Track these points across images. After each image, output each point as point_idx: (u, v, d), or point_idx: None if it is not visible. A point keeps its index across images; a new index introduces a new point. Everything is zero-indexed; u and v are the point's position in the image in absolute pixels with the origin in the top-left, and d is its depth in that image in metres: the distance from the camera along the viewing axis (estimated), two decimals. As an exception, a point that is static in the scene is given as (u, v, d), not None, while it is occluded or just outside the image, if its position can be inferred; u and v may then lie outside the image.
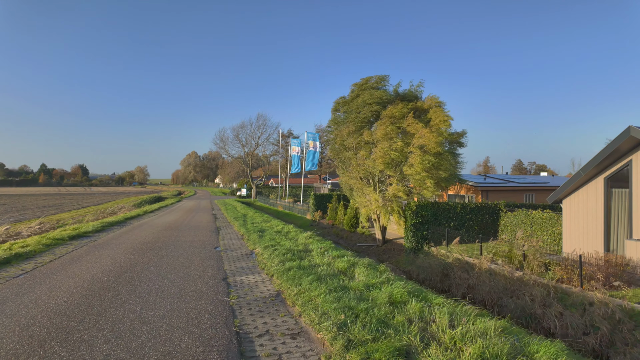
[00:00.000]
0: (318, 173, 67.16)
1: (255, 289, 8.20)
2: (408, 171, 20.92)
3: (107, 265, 10.33)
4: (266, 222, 22.25)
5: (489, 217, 23.12)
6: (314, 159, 47.31)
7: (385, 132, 21.15)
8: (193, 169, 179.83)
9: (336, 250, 12.82)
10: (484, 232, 21.64)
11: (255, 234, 16.26)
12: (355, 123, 23.47)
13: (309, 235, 15.87)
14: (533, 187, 29.01)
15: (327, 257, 11.21)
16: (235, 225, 21.25)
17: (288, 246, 12.95)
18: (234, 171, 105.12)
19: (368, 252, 25.06)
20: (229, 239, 16.08)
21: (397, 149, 20.84)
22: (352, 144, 23.57)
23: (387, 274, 8.63)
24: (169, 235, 17.07)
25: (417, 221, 21.77)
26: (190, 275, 9.26)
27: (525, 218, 21.11)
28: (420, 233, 21.60)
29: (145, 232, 18.37)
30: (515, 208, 23.23)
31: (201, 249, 13.40)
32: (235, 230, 19.68)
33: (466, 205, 23.07)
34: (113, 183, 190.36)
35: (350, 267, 9.86)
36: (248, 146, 66.64)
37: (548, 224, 19.85)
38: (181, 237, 16.48)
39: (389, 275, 8.59)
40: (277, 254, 11.29)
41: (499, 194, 28.25)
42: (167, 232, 18.02)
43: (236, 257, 12.02)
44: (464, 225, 22.74)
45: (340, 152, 25.45)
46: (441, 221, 22.48)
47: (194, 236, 16.71)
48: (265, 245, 13.20)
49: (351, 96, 24.83)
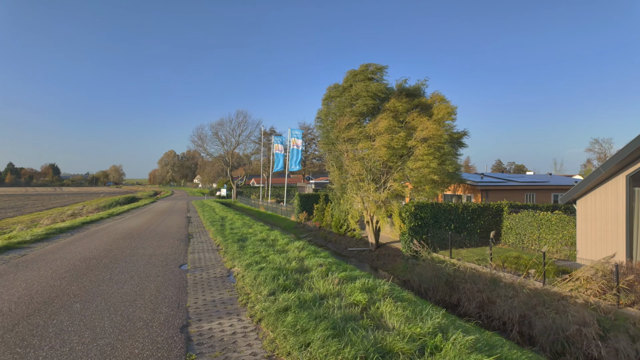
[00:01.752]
0: (302, 173, 63.87)
1: (233, 352, 4.89)
2: (414, 164, 18.18)
3: (11, 301, 6.82)
4: (248, 227, 18.86)
5: (492, 218, 20.76)
6: (298, 158, 44.06)
7: (387, 125, 18.41)
8: (171, 169, 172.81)
9: (341, 267, 9.66)
10: (486, 234, 19.19)
11: (235, 244, 12.89)
12: (351, 116, 20.54)
13: (302, 246, 12.67)
14: (534, 186, 26.78)
15: (332, 280, 8.02)
16: (211, 232, 17.75)
17: (278, 263, 9.69)
18: (213, 171, 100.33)
19: (360, 258, 22.27)
20: (201, 251, 12.63)
21: (399, 140, 18.06)
22: (353, 136, 20.53)
23: (438, 318, 5.49)
24: (126, 246, 13.46)
25: (415, 224, 19.07)
26: (130, 320, 5.86)
27: (532, 220, 18.87)
28: (419, 237, 18.93)
29: (98, 241, 14.69)
30: (519, 209, 20.99)
31: (161, 267, 9.93)
32: (210, 238, 16.19)
33: (468, 206, 20.58)
34: (86, 183, 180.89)
35: (371, 301, 6.71)
36: (228, 144, 62.64)
37: (558, 226, 17.77)
38: (140, 248, 12.91)
39: (439, 320, 5.46)
40: (265, 277, 8.02)
41: (499, 194, 25.91)
42: (125, 242, 14.38)
43: (207, 281, 8.63)
44: (465, 227, 20.30)
45: (335, 145, 22.38)
46: (441, 223, 19.89)
47: (156, 247, 13.17)
48: (247, 261, 9.88)
49: (344, 86, 21.79)
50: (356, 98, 20.40)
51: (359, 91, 19.97)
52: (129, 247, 13.21)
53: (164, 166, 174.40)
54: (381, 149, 18.11)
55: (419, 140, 18.71)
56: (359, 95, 20.05)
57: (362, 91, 19.82)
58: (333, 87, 22.66)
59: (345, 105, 20.78)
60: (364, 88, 19.81)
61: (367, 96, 19.82)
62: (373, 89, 19.86)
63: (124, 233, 17.34)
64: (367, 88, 19.79)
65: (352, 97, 20.38)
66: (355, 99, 20.44)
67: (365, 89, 19.85)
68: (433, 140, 18.46)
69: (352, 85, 20.87)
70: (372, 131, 19.15)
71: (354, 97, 20.39)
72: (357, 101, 20.26)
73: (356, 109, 20.24)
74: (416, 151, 18.42)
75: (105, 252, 12.06)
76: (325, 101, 23.03)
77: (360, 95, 19.98)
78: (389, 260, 21.06)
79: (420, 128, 18.94)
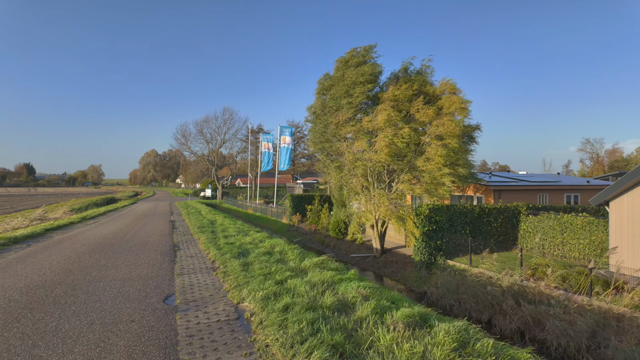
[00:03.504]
0: (290, 172, 60.74)
1: None
2: (425, 166, 15.84)
3: None
4: (244, 235, 15.77)
5: (508, 221, 18.37)
6: (288, 156, 40.99)
7: (387, 117, 15.68)
8: (152, 169, 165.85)
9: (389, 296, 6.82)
10: (502, 239, 17.19)
11: (236, 261, 9.83)
12: (349, 108, 17.76)
13: (321, 262, 9.78)
14: (547, 186, 24.66)
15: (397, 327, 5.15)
16: (202, 241, 14.55)
17: (304, 294, 6.74)
18: (197, 170, 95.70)
19: (364, 265, 19.54)
20: (193, 272, 9.46)
21: (404, 137, 15.47)
22: (351, 132, 17.82)
23: None
24: (93, 264, 10.17)
25: (429, 228, 16.47)
26: None
27: (555, 223, 16.55)
28: (433, 243, 16.45)
29: (58, 256, 11.32)
30: (538, 211, 18.78)
31: (138, 303, 6.79)
32: (201, 250, 13.02)
33: (484, 208, 18.13)
34: (63, 183, 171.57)
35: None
36: (213, 142, 58.78)
37: (585, 230, 15.47)
38: (111, 268, 9.66)
39: None
40: (297, 325, 5.09)
41: (511, 194, 23.64)
42: (93, 258, 11.06)
43: (208, 332, 5.53)
44: (481, 231, 17.78)
45: (332, 143, 19.61)
46: (457, 227, 17.37)
47: (133, 266, 9.92)
48: (261, 292, 6.86)
49: (336, 75, 19.01)
50: (352, 86, 17.73)
51: (354, 78, 17.52)
52: (96, 265, 9.95)
53: (145, 166, 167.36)
54: (382, 151, 15.55)
55: (433, 137, 16.23)
56: (355, 83, 17.51)
57: (356, 77, 17.40)
58: (324, 77, 19.90)
59: (341, 96, 18.11)
60: (358, 73, 17.35)
61: (364, 81, 17.26)
62: (367, 71, 17.32)
63: (94, 243, 13.94)
64: (361, 72, 17.30)
65: (348, 86, 17.78)
66: (352, 87, 17.76)
67: (360, 74, 17.33)
68: (449, 139, 16.06)
69: (344, 73, 18.23)
70: (370, 126, 16.57)
71: (350, 86, 17.75)
72: (355, 89, 17.57)
73: (354, 99, 17.55)
74: (428, 149, 15.96)
75: (61, 276, 8.78)
76: (319, 94, 20.21)
77: (357, 82, 17.48)
78: (397, 268, 18.45)
79: (436, 124, 16.49)
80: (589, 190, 25.55)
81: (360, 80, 17.33)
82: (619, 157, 47.01)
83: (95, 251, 12.21)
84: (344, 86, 17.85)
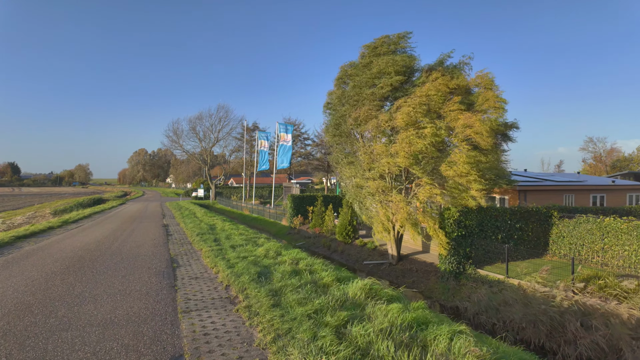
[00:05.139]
0: (286, 172, 57.86)
1: None
2: (448, 171, 13.79)
3: None
4: (253, 244, 12.99)
5: (539, 225, 16.15)
6: (288, 154, 38.20)
7: (407, 116, 13.23)
8: (142, 168, 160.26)
9: None
10: (533, 244, 15.36)
11: (259, 288, 7.06)
12: (372, 100, 15.24)
13: (368, 287, 7.16)
14: (572, 186, 22.55)
15: None
16: (205, 252, 11.67)
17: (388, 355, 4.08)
18: (188, 170, 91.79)
19: (379, 273, 17.07)
20: (204, 308, 6.49)
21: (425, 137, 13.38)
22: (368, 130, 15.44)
23: None
24: (61, 293, 7.24)
25: (459, 234, 14.06)
26: None
27: (594, 227, 14.49)
28: (462, 250, 14.07)
29: (16, 279, 8.25)
30: (572, 213, 16.75)
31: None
32: (206, 265, 10.15)
33: (516, 211, 15.88)
34: (49, 183, 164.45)
35: None
36: (206, 141, 55.46)
37: (632, 235, 13.37)
38: (86, 302, 6.71)
39: None
40: None
41: (537, 195, 21.48)
42: (64, 281, 8.10)
43: None
44: (512, 236, 15.54)
45: (349, 138, 17.19)
46: (487, 232, 15.08)
47: (117, 298, 7.00)
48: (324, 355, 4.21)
49: (362, 62, 16.48)
50: (379, 76, 15.26)
51: (382, 67, 15.03)
52: (67, 295, 7.06)
53: (135, 165, 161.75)
54: (400, 154, 13.38)
55: (460, 139, 13.79)
56: (383, 72, 15.02)
57: (385, 66, 14.91)
58: (348, 64, 17.34)
59: (365, 85, 15.58)
60: (390, 62, 14.81)
61: (393, 72, 14.80)
62: (399, 62, 14.87)
63: (71, 257, 10.95)
64: (393, 62, 14.79)
65: (374, 75, 15.29)
66: (378, 77, 15.29)
67: (390, 63, 14.82)
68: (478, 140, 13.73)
69: (373, 61, 15.73)
70: (387, 125, 14.22)
71: (376, 75, 15.26)
72: (380, 80, 15.08)
73: (378, 90, 15.03)
74: (454, 152, 13.69)
75: (9, 320, 5.88)
76: (339, 82, 17.60)
77: (385, 71, 15.00)
78: (418, 277, 16.00)
79: (463, 124, 14.01)
80: (614, 190, 23.54)
81: (389, 71, 14.92)
82: (621, 157, 45.78)
83: (70, 270, 9.25)
84: (370, 75, 15.37)
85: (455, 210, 14.04)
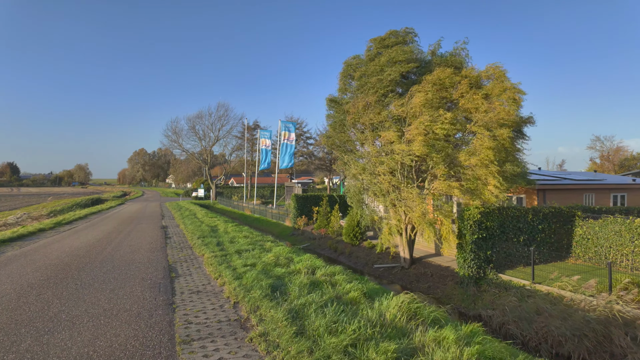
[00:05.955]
0: (288, 171, 56.44)
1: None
2: (468, 160, 12.70)
3: None
4: (260, 248, 11.61)
5: (561, 226, 14.94)
6: (291, 153, 36.82)
7: (425, 99, 12.07)
8: (142, 168, 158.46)
9: None
10: (555, 246, 14.24)
11: (276, 308, 5.72)
12: (378, 90, 14.10)
13: (407, 305, 5.83)
14: (592, 185, 21.23)
15: None
16: (207, 258, 10.27)
17: None
18: (188, 170, 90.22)
19: (391, 278, 15.79)
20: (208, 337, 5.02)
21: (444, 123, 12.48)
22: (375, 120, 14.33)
23: None
24: (32, 316, 5.84)
25: (479, 236, 12.79)
26: None
27: (622, 228, 13.36)
28: (483, 253, 12.78)
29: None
30: (597, 214, 15.60)
31: None
32: (209, 275, 8.76)
33: (538, 211, 14.61)
34: (49, 183, 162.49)
35: None
36: (206, 140, 53.98)
37: None
38: (60, 328, 5.28)
39: None
40: None
41: (556, 195, 20.12)
42: (40, 297, 6.69)
43: None
44: (535, 238, 14.29)
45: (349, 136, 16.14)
46: (509, 234, 13.87)
47: (100, 322, 5.54)
48: None
49: (369, 55, 15.44)
50: (389, 65, 14.19)
51: (392, 56, 14.12)
52: (39, 318, 5.66)
53: (134, 165, 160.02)
54: (416, 140, 12.35)
55: (479, 126, 12.85)
56: (392, 61, 14.00)
57: (395, 55, 13.97)
58: (353, 58, 16.20)
59: (371, 74, 14.58)
60: (400, 51, 13.88)
61: (404, 60, 13.81)
62: (409, 51, 14.06)
63: (55, 265, 9.55)
64: (403, 51, 13.91)
65: (383, 65, 14.28)
66: (388, 65, 14.21)
67: (402, 52, 13.86)
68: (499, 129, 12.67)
69: (382, 52, 14.72)
70: (401, 111, 13.16)
71: (384, 63, 14.23)
72: (390, 68, 13.99)
73: (386, 76, 13.91)
74: (474, 140, 12.78)
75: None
76: (344, 77, 16.38)
77: (395, 59, 14.00)
78: (434, 282, 14.73)
79: (484, 109, 13.13)
80: (635, 189, 22.24)
81: (400, 59, 13.98)
82: (629, 155, 44.51)
83: (50, 282, 7.85)
84: (377, 65, 14.31)
85: (476, 211, 12.95)
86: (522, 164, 14.67)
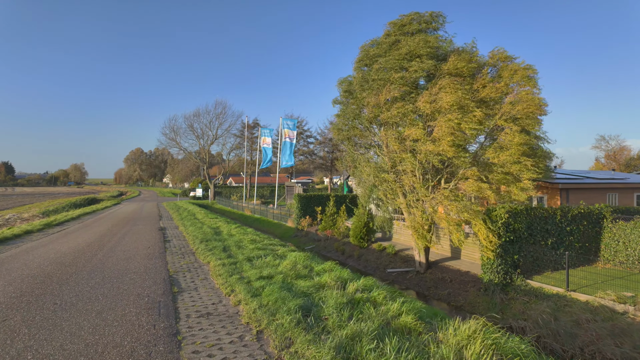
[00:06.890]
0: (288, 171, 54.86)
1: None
2: (497, 157, 11.68)
3: None
4: (273, 254, 10.09)
5: (590, 228, 13.70)
6: (292, 152, 35.28)
7: (456, 98, 11.45)
8: (138, 167, 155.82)
9: None
10: (584, 250, 13.22)
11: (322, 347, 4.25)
12: (401, 85, 12.69)
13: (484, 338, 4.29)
14: (616, 184, 20.01)
15: None
16: (214, 268, 8.75)
17: None
18: (186, 169, 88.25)
19: (405, 283, 14.49)
20: None
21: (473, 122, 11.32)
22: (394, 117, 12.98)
23: None
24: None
25: (506, 239, 11.50)
26: None
27: None
28: (510, 258, 11.46)
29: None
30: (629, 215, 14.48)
31: None
32: (219, 291, 7.25)
33: (567, 212, 13.36)
34: (44, 183, 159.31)
35: None
36: (205, 138, 52.25)
37: None
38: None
39: None
40: None
41: (579, 194, 18.88)
42: (5, 324, 5.21)
43: None
44: (563, 242, 13.04)
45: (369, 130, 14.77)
46: (536, 237, 12.60)
47: None
48: None
49: (386, 42, 13.87)
50: (409, 59, 12.68)
51: (412, 47, 12.52)
52: None
53: (131, 165, 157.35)
54: (444, 139, 11.27)
55: (506, 119, 11.72)
56: (413, 55, 12.54)
57: (416, 47, 12.40)
58: (371, 43, 14.64)
59: (391, 68, 13.05)
60: (422, 43, 12.34)
61: (426, 55, 12.37)
62: (433, 44, 12.54)
63: (31, 277, 7.97)
64: (425, 42, 12.39)
65: (402, 57, 12.74)
66: (409, 59, 12.69)
67: (424, 44, 12.37)
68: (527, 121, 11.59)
69: (401, 40, 13.19)
70: (428, 107, 11.74)
71: (405, 57, 12.69)
72: (411, 63, 12.51)
73: (410, 75, 12.47)
74: (503, 136, 11.69)
75: None
76: (360, 64, 14.85)
77: (416, 53, 12.62)
78: (454, 289, 13.39)
79: (510, 100, 11.94)
80: (658, 189, 21.00)
81: (422, 53, 12.53)
82: (635, 155, 43.61)
83: (22, 301, 6.29)
84: (398, 56, 12.79)
85: (503, 211, 11.71)
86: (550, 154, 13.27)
